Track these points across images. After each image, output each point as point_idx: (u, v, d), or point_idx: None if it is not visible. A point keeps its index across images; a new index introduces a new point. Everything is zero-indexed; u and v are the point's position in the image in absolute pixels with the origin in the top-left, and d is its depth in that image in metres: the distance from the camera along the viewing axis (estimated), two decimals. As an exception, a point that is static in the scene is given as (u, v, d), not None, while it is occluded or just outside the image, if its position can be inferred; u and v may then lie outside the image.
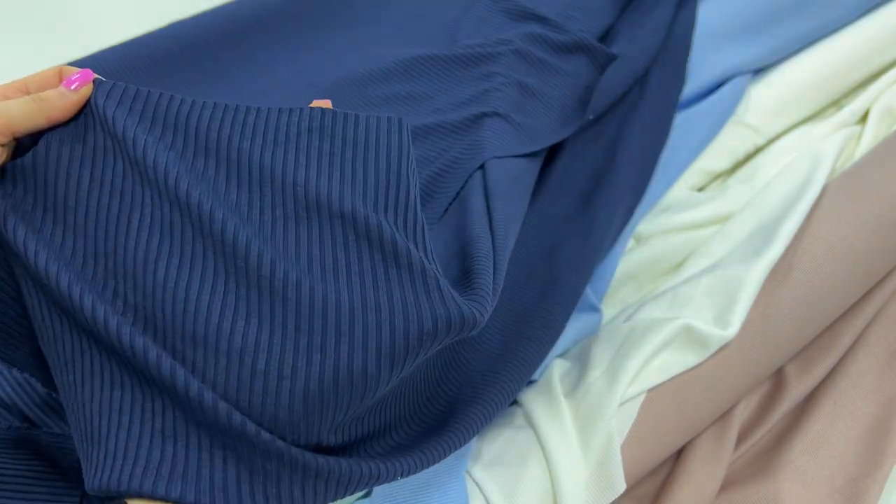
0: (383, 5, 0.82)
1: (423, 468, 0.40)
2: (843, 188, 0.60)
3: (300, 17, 0.79)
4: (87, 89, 0.38)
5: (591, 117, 0.67)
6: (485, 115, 0.64)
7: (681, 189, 0.67)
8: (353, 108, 0.68)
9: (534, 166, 0.61)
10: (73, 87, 0.37)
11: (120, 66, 0.71)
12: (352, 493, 0.37)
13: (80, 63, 0.70)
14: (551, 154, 0.68)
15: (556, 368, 0.53)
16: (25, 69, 0.71)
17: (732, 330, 0.51)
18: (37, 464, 0.45)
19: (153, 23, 0.76)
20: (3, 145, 0.36)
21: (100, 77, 0.39)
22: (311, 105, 0.42)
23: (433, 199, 0.60)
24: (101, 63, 0.70)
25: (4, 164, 0.37)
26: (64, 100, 0.37)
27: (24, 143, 0.38)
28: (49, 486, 0.44)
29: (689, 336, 0.51)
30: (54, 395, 0.48)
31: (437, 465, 0.45)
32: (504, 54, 0.70)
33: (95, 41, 0.74)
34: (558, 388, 0.50)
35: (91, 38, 0.75)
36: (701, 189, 0.70)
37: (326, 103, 0.43)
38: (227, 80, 0.73)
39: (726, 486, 0.53)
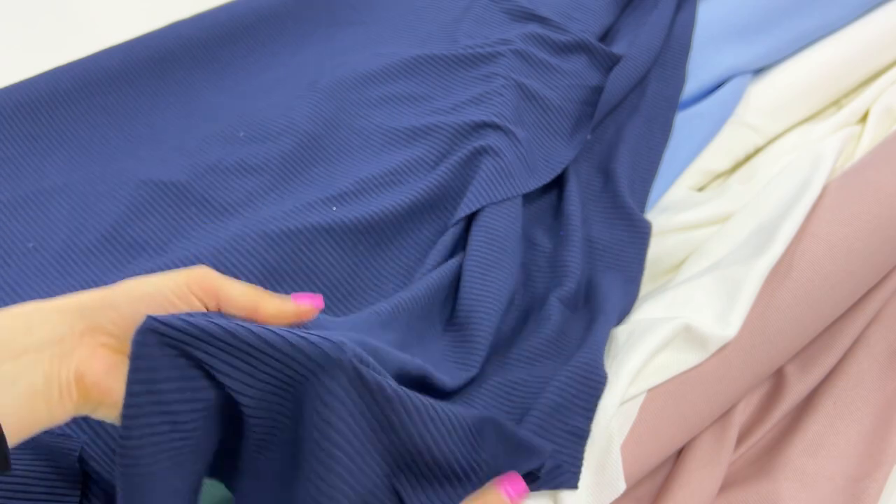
0: (384, 5, 0.82)
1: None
2: (843, 188, 0.60)
3: (301, 17, 0.79)
4: (307, 310, 0.36)
5: (589, 137, 0.67)
6: (485, 124, 0.64)
7: (681, 189, 0.67)
8: (352, 108, 0.68)
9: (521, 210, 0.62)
10: (295, 300, 0.36)
11: (120, 66, 0.71)
12: None
13: (80, 63, 0.70)
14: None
15: (556, 368, 0.53)
16: (26, 69, 0.71)
17: (732, 330, 0.51)
18: (37, 464, 0.45)
19: (153, 23, 0.76)
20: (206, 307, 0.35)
21: (328, 319, 0.38)
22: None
23: (434, 211, 0.60)
24: (101, 63, 0.71)
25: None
26: (282, 305, 0.36)
27: None
28: (49, 486, 0.44)
29: (689, 336, 0.51)
30: None
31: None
32: (504, 54, 0.70)
33: (95, 41, 0.74)
34: (558, 388, 0.50)
35: (91, 38, 0.75)
36: (701, 189, 0.70)
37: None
38: (227, 80, 0.73)
39: (726, 486, 0.53)
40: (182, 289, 0.34)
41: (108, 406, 0.34)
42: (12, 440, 0.31)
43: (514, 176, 0.61)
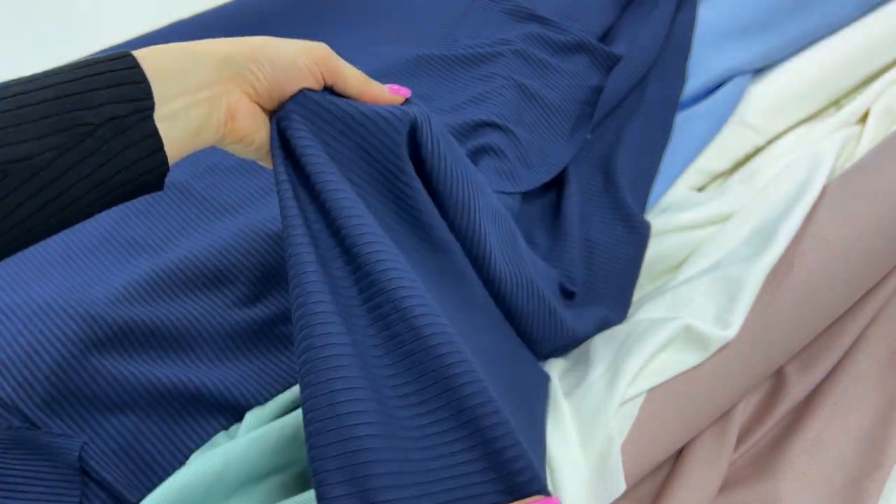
0: (384, 6, 0.82)
1: None
2: (843, 188, 0.60)
3: (300, 18, 0.79)
4: (397, 98, 0.44)
5: (589, 136, 0.67)
6: (486, 123, 0.64)
7: (681, 189, 0.67)
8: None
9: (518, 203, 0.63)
10: (391, 89, 0.44)
11: (120, 66, 0.71)
12: None
13: (80, 63, 0.70)
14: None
15: (555, 368, 0.53)
16: (25, 69, 0.71)
17: (732, 330, 0.51)
18: (37, 464, 0.45)
19: (153, 23, 0.76)
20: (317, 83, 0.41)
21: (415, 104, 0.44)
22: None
23: None
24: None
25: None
26: (382, 87, 0.43)
27: None
28: (49, 486, 0.44)
29: (689, 336, 0.51)
30: (57, 394, 0.48)
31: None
32: (504, 54, 0.70)
33: (95, 41, 0.74)
34: (558, 388, 0.50)
35: (91, 38, 0.75)
36: (701, 189, 0.70)
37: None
38: (227, 80, 0.73)
39: (726, 486, 0.53)
40: (313, 65, 0.41)
41: (245, 144, 0.41)
42: (173, 160, 0.37)
43: (514, 175, 0.61)
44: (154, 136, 0.35)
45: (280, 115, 0.41)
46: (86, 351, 0.49)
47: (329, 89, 0.42)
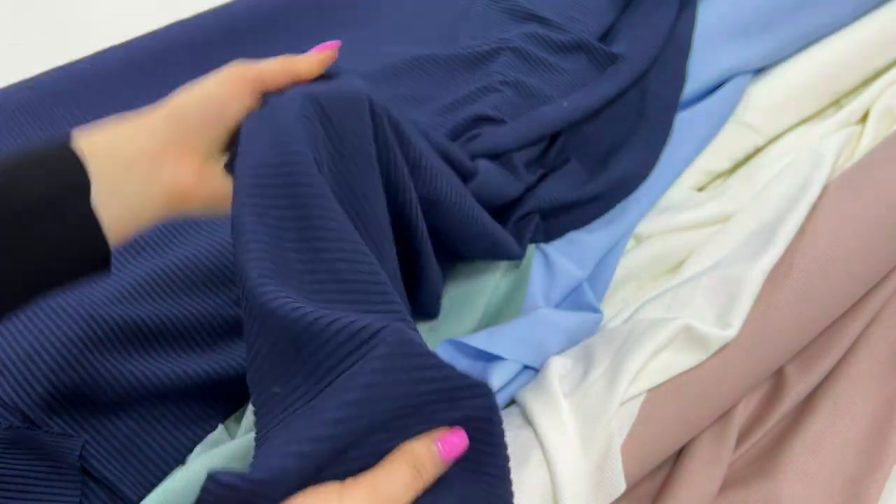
0: (384, 6, 0.82)
1: None
2: (843, 188, 0.60)
3: (301, 17, 0.79)
4: (329, 54, 0.43)
5: (564, 104, 0.66)
6: (482, 117, 0.64)
7: (681, 189, 0.67)
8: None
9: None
10: (317, 52, 0.43)
11: (120, 67, 0.71)
12: None
13: (80, 63, 0.71)
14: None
15: (555, 368, 0.53)
16: (26, 69, 0.71)
17: (732, 330, 0.51)
18: (37, 464, 0.45)
19: (153, 23, 0.76)
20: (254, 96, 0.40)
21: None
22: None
23: None
24: (101, 63, 0.71)
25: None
26: (310, 59, 0.42)
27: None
28: (49, 486, 0.44)
29: (690, 336, 0.51)
30: (56, 394, 0.48)
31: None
32: (503, 52, 0.70)
33: (95, 41, 0.74)
34: (558, 388, 0.50)
35: (91, 38, 0.75)
36: (701, 189, 0.70)
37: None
38: (227, 80, 0.73)
39: (726, 486, 0.53)
40: (228, 87, 0.40)
41: (202, 204, 0.40)
42: (114, 243, 0.36)
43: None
44: (90, 216, 0.33)
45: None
46: (86, 351, 0.49)
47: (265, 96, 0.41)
